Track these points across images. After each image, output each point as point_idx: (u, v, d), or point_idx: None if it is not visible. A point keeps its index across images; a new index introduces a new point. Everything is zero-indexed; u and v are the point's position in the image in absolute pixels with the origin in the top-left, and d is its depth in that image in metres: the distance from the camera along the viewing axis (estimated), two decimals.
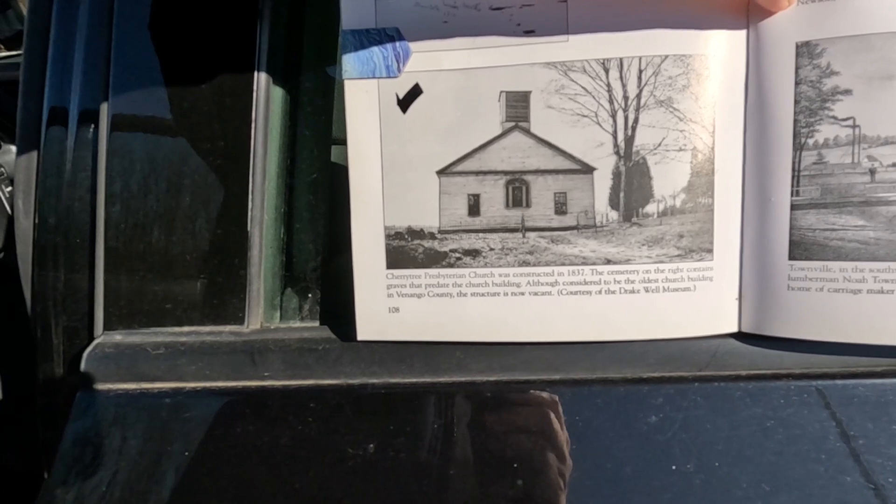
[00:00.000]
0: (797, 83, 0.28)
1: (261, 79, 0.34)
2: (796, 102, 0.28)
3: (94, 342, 0.35)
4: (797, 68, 0.28)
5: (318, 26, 0.37)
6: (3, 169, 0.80)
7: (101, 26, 0.36)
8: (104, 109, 0.35)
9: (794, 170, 0.28)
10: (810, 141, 0.28)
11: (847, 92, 0.27)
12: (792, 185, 0.29)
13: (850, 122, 0.27)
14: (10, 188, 0.75)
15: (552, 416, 0.31)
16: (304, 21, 0.37)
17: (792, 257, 0.29)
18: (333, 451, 0.31)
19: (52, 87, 0.37)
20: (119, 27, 0.35)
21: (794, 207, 0.29)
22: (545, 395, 0.31)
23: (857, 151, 0.27)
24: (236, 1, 0.34)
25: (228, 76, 0.34)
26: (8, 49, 1.14)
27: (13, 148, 0.79)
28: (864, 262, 0.27)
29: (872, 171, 0.27)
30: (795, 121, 0.28)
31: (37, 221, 0.37)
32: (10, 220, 0.72)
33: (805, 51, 0.28)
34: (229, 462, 0.32)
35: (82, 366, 0.34)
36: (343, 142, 0.32)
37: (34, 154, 0.38)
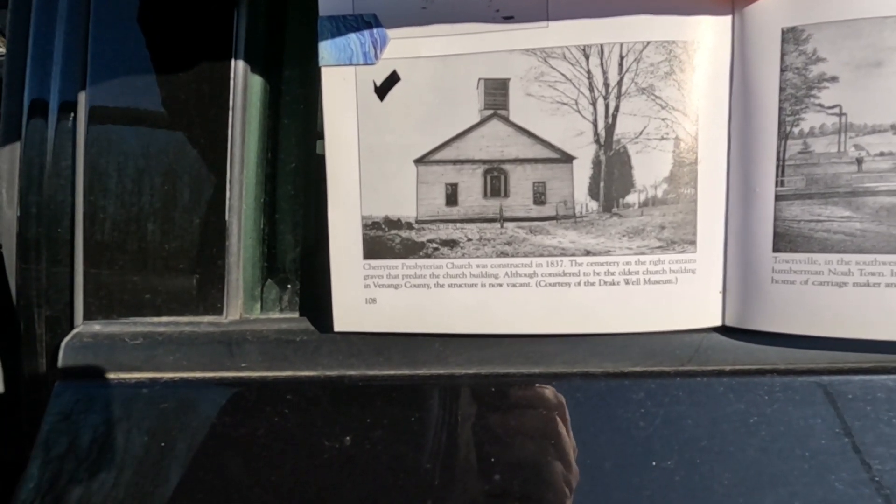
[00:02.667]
0: (783, 70, 0.27)
1: (238, 67, 0.34)
2: (781, 90, 0.27)
3: (73, 332, 0.35)
4: (783, 55, 0.27)
5: (299, 13, 0.36)
6: None
7: (78, 17, 0.35)
8: (82, 100, 0.35)
9: (778, 159, 0.28)
10: (795, 129, 0.27)
11: (833, 79, 0.26)
12: (776, 175, 0.28)
13: (836, 111, 0.26)
14: None
15: (534, 409, 0.30)
16: (283, 8, 0.36)
17: (776, 249, 0.28)
18: (310, 444, 0.31)
19: (33, 80, 0.37)
20: (96, 17, 0.35)
21: (778, 198, 0.28)
22: (525, 387, 0.31)
23: (843, 140, 0.26)
24: None
25: (206, 64, 0.34)
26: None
27: None
28: (850, 255, 0.27)
29: (859, 161, 0.27)
30: (780, 109, 0.27)
31: (19, 213, 0.37)
32: None
33: (791, 37, 0.27)
34: (205, 453, 0.31)
35: (60, 355, 0.34)
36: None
37: (16, 145, 0.38)
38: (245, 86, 0.34)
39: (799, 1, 0.27)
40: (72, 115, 0.36)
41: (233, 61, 0.33)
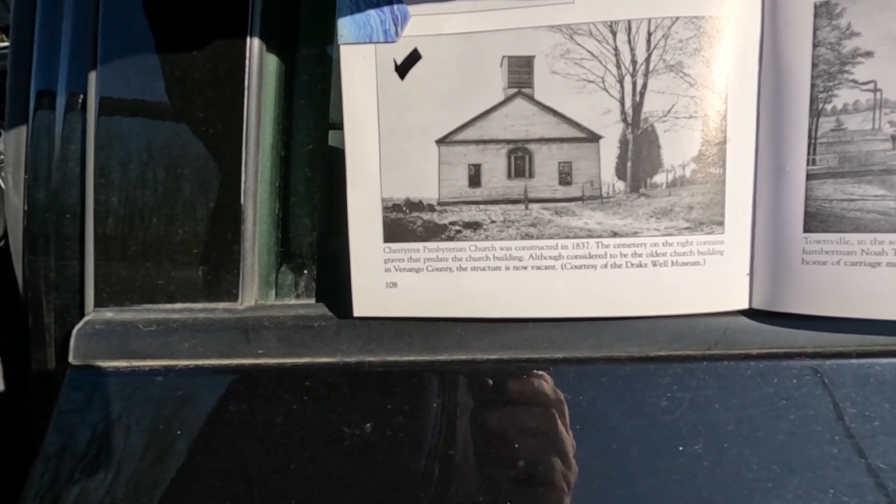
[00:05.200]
0: (815, 45, 0.27)
1: (254, 46, 0.33)
2: (814, 66, 0.27)
3: (84, 319, 0.34)
4: (815, 30, 0.26)
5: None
6: (3, 156, 0.79)
7: (87, 1, 0.35)
8: (92, 84, 0.34)
9: (810, 137, 0.27)
10: (828, 107, 0.27)
11: (868, 54, 0.26)
12: (808, 154, 0.27)
13: (871, 86, 0.26)
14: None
15: (554, 395, 0.30)
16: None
17: (807, 230, 0.27)
18: (329, 431, 0.30)
19: (40, 67, 0.36)
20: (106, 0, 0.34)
21: (809, 177, 0.27)
22: (547, 374, 0.30)
23: (878, 117, 0.26)
24: None
25: (220, 43, 0.33)
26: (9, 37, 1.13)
27: None
28: (883, 234, 0.26)
29: (895, 138, 0.26)
30: (813, 85, 0.27)
31: (26, 201, 0.37)
32: None
33: (824, 11, 0.26)
34: (222, 441, 0.31)
35: (72, 343, 0.33)
36: (342, 126, 0.31)
37: (22, 130, 0.37)
38: (260, 66, 0.33)
39: None
40: (81, 98, 0.35)
41: (248, 40, 0.33)
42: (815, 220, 0.27)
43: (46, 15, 0.36)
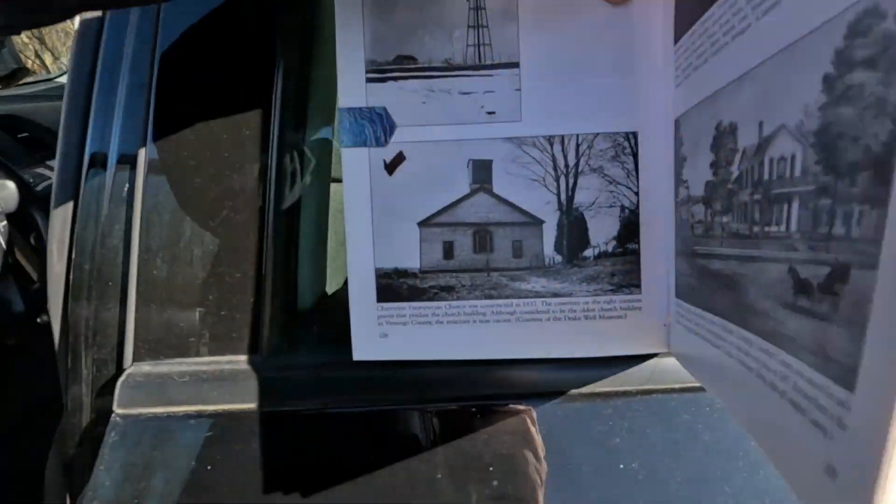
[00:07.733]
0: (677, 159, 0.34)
1: (276, 124, 0.40)
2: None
3: (126, 372, 0.39)
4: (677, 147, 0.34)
5: (323, 94, 0.44)
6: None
7: (142, 76, 0.40)
8: (141, 157, 0.40)
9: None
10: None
11: (683, 159, 0.33)
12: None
13: (687, 184, 0.32)
14: (3, 223, 0.74)
15: (526, 425, 0.36)
16: (308, 92, 0.44)
17: (677, 295, 0.34)
18: (339, 468, 0.35)
19: (94, 136, 0.40)
20: (160, 80, 0.39)
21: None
22: (520, 407, 0.36)
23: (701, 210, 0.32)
24: (255, 65, 0.40)
25: (248, 131, 0.40)
26: (3, 87, 1.15)
27: (8, 183, 0.78)
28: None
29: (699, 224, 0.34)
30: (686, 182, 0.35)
31: (72, 262, 0.41)
32: (5, 255, 0.73)
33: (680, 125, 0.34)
34: (249, 478, 0.36)
35: (116, 392, 0.38)
36: (340, 180, 0.38)
37: (69, 206, 0.42)
38: (281, 142, 0.39)
39: (684, 95, 0.33)
40: (129, 166, 0.40)
41: (273, 117, 0.39)
42: (685, 291, 0.35)
43: (105, 79, 0.40)
